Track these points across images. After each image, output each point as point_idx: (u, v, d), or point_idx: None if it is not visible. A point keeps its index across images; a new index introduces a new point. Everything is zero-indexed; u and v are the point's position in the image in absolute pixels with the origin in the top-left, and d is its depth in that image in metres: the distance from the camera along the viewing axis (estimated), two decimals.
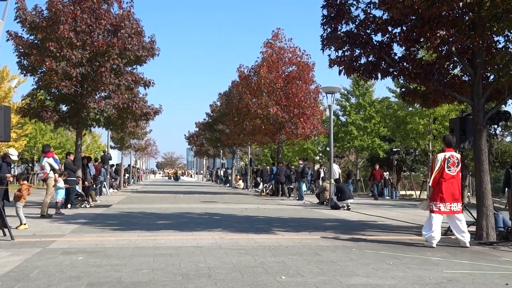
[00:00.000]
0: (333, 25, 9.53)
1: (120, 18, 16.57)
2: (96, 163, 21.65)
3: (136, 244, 8.08)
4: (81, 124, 17.00)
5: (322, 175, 23.99)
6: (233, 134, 29.39)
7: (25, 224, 10.03)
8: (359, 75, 10.03)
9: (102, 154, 28.06)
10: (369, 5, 9.33)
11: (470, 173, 25.01)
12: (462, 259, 7.16)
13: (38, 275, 5.74)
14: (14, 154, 10.08)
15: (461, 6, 8.01)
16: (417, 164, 37.54)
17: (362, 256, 7.19)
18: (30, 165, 41.81)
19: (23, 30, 15.97)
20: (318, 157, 44.15)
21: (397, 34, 9.40)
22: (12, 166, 12.72)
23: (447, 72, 9.84)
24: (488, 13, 8.08)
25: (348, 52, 9.58)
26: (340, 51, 9.62)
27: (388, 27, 9.42)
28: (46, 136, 37.31)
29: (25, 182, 10.54)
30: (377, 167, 26.87)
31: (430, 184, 8.53)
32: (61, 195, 13.42)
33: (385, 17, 9.28)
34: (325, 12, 9.55)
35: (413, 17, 8.98)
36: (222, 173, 51.36)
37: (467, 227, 8.50)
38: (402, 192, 35.02)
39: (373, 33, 9.55)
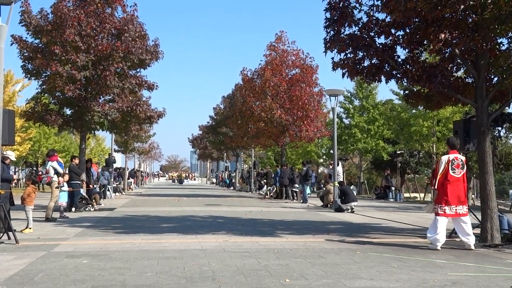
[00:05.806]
0: (336, 28, 9.54)
1: (124, 22, 16.65)
2: (93, 163, 21.54)
3: (140, 247, 8.09)
4: (85, 128, 17.04)
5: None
6: (236, 137, 29.40)
7: (30, 228, 10.07)
8: (363, 78, 10.01)
9: (108, 157, 28.14)
10: (372, 8, 9.35)
11: (474, 175, 24.96)
12: (467, 261, 7.14)
13: (43, 278, 5.76)
14: (12, 155, 10.20)
15: (464, 8, 8.01)
16: (421, 167, 37.49)
17: (367, 259, 7.18)
18: (35, 168, 41.93)
19: (28, 34, 16.05)
20: (321, 160, 44.11)
21: (400, 37, 9.41)
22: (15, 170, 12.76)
23: (451, 74, 9.81)
24: (491, 15, 8.06)
25: (351, 54, 9.60)
26: (343, 54, 9.63)
27: (391, 30, 9.43)
28: (50, 139, 37.35)
29: (32, 185, 10.58)
30: None
31: (435, 186, 8.41)
32: (63, 199, 13.43)
33: (388, 19, 9.28)
34: (328, 15, 9.57)
35: (416, 20, 8.97)
36: (226, 176, 51.46)
37: (472, 229, 8.47)
38: (406, 195, 34.97)
39: (376, 35, 9.55)
